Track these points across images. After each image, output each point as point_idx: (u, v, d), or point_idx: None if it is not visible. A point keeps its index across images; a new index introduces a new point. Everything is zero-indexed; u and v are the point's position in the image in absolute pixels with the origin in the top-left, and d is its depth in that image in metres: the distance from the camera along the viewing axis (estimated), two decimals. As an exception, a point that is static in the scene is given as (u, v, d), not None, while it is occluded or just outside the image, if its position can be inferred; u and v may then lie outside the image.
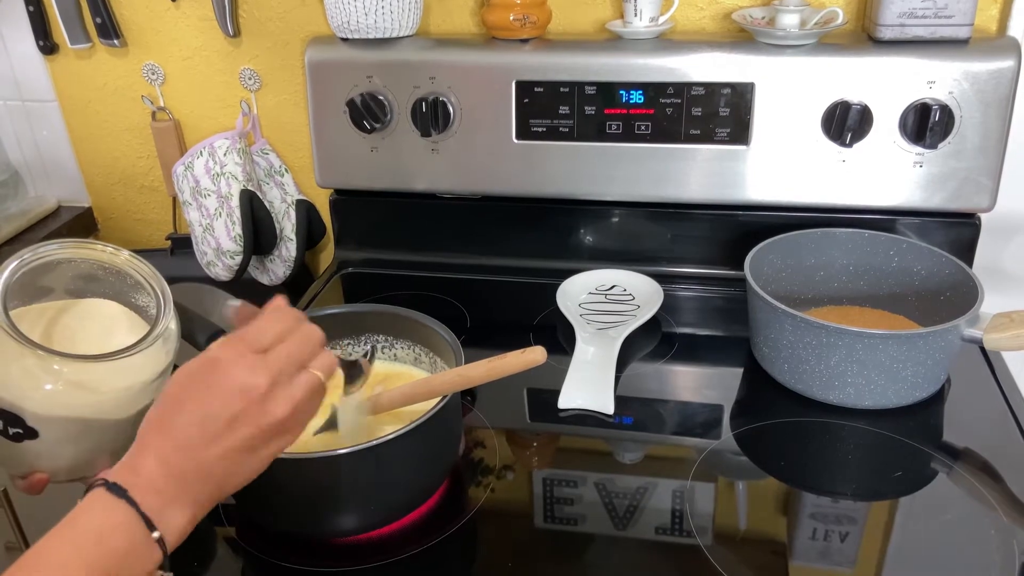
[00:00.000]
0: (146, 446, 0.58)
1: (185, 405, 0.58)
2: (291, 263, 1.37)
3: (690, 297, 1.21)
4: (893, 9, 1.04)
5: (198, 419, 0.58)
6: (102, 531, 0.54)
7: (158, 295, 0.75)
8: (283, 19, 1.28)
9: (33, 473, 0.71)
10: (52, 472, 0.72)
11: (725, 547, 0.78)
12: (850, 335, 0.90)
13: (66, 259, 0.74)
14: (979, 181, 1.09)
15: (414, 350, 0.94)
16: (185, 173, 1.30)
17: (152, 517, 0.55)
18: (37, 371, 0.67)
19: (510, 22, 1.14)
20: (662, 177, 1.17)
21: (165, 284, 0.76)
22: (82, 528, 0.54)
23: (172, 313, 0.74)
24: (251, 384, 0.58)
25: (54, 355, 0.67)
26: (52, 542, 0.53)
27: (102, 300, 0.77)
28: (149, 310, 0.77)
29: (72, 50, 1.35)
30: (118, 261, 0.76)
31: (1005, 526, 0.79)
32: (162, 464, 0.57)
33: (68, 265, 0.75)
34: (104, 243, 0.76)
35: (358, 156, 1.25)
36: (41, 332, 0.71)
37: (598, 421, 0.95)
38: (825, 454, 0.91)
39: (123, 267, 0.75)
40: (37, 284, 0.73)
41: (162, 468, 0.56)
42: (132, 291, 0.77)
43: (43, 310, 0.74)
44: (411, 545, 0.79)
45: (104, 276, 0.77)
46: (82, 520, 0.54)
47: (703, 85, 1.11)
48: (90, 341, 0.72)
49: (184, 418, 0.58)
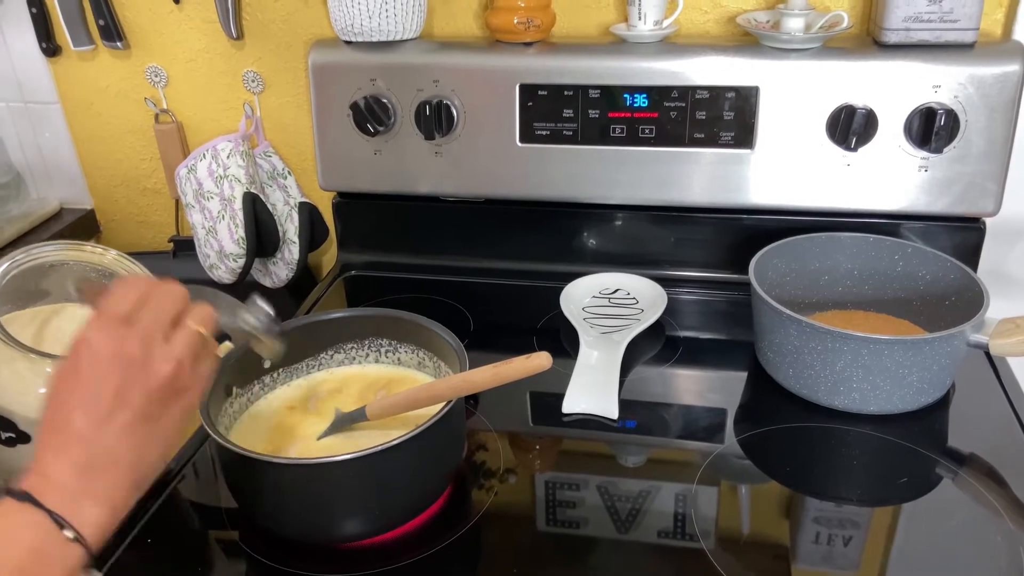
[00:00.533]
0: (45, 447, 0.56)
1: (68, 396, 0.57)
2: (294, 266, 1.37)
3: (694, 301, 1.21)
4: (898, 13, 1.04)
5: (83, 404, 0.56)
6: (8, 536, 0.52)
7: None
8: (286, 21, 1.28)
9: None
10: None
11: (728, 551, 0.78)
12: (855, 340, 0.89)
13: (58, 261, 0.74)
14: (984, 185, 1.08)
15: (418, 354, 0.94)
16: (188, 175, 1.30)
17: (64, 515, 0.53)
18: (28, 375, 0.67)
19: (514, 25, 1.14)
20: (666, 181, 1.17)
21: None
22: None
23: None
24: (123, 351, 0.57)
25: (45, 358, 0.67)
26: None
27: None
28: None
29: (75, 52, 1.35)
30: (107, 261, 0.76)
31: (1010, 532, 0.79)
32: (63, 460, 0.55)
33: (61, 268, 0.75)
34: (95, 245, 0.76)
35: (361, 159, 1.25)
36: (32, 335, 0.71)
37: (601, 425, 0.95)
38: (830, 459, 0.91)
39: (113, 267, 0.75)
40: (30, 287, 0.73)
41: (65, 465, 0.55)
42: None
43: (35, 314, 0.74)
44: (415, 550, 0.79)
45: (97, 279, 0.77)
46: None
47: (707, 89, 1.11)
48: None
49: (71, 408, 0.56)
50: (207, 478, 0.92)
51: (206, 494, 0.90)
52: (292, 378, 0.94)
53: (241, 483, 0.80)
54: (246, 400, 0.89)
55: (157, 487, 0.88)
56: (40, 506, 0.53)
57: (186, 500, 0.88)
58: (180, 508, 0.87)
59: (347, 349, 0.96)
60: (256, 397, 0.91)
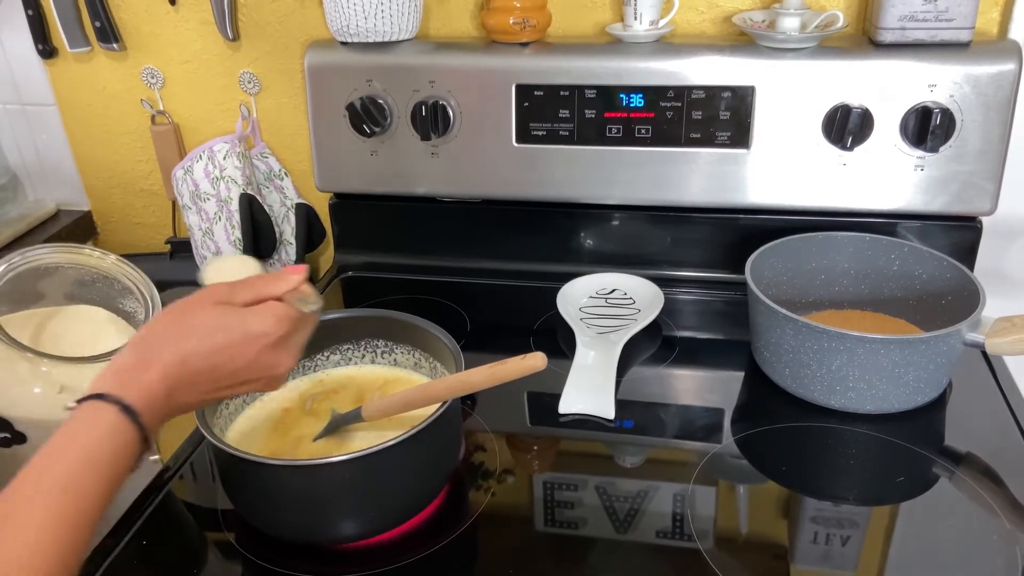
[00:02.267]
0: (152, 365, 0.60)
1: (215, 352, 0.63)
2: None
3: (691, 301, 1.21)
4: (894, 12, 1.04)
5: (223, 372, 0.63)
6: (117, 452, 0.57)
7: (147, 299, 0.75)
8: (282, 23, 1.28)
9: None
10: None
11: (726, 551, 0.78)
12: (851, 339, 0.89)
13: (55, 264, 0.74)
14: (980, 184, 1.08)
15: (414, 355, 0.94)
16: (184, 177, 1.30)
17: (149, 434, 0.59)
18: (25, 375, 0.67)
19: (510, 25, 1.14)
20: (662, 181, 1.17)
21: (154, 288, 0.76)
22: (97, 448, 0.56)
23: None
24: (280, 366, 0.66)
25: (43, 357, 0.67)
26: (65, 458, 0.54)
27: (89, 306, 0.77)
28: (136, 316, 0.77)
29: (71, 54, 1.35)
30: (106, 265, 0.76)
31: (1007, 531, 0.79)
32: (168, 391, 0.61)
33: (58, 271, 0.75)
34: (92, 248, 0.76)
35: (358, 160, 1.25)
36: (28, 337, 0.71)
37: (599, 425, 0.95)
38: (826, 458, 0.91)
39: (112, 271, 0.75)
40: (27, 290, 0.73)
41: (167, 394, 0.61)
42: (120, 296, 0.77)
43: (30, 316, 0.74)
44: (412, 551, 0.79)
45: (92, 281, 0.77)
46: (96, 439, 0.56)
47: (703, 88, 1.11)
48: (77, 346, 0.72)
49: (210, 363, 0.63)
50: (203, 480, 0.92)
51: (202, 496, 0.90)
52: (288, 379, 0.94)
53: (237, 485, 0.80)
54: (242, 401, 0.89)
55: (153, 489, 0.88)
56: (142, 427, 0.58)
57: (182, 502, 0.88)
58: (176, 510, 0.87)
59: (343, 350, 0.96)
60: (252, 398, 0.91)
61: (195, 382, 0.63)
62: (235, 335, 0.64)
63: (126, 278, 0.76)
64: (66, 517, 0.52)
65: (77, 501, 0.53)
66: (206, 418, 0.78)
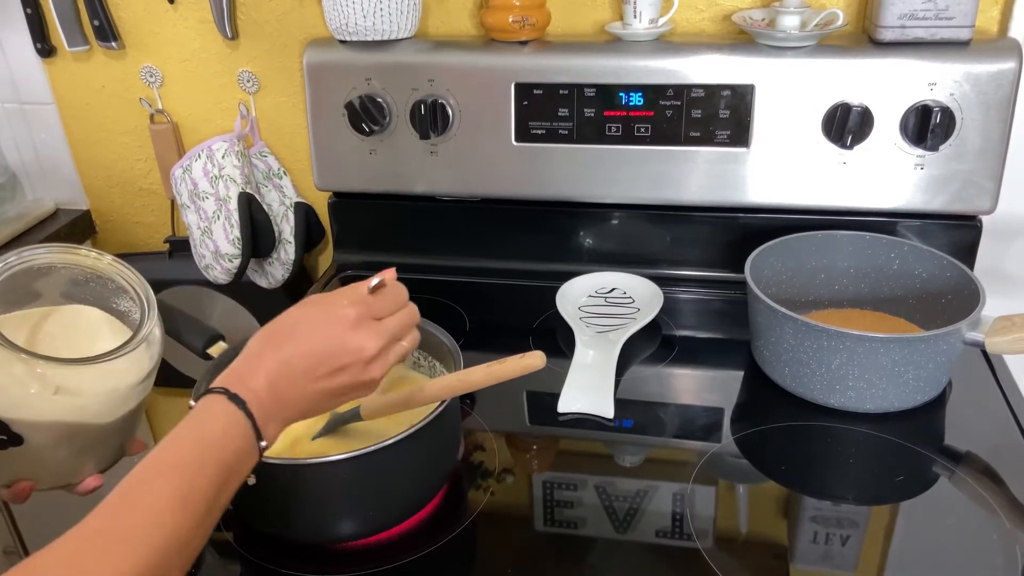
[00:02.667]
0: (259, 364, 0.64)
1: (305, 342, 0.65)
2: (290, 266, 1.36)
3: (690, 300, 1.21)
4: (894, 11, 1.03)
5: (313, 360, 0.65)
6: (226, 433, 0.60)
7: (142, 299, 0.75)
8: (281, 21, 1.27)
9: (18, 481, 0.71)
10: (37, 479, 0.71)
11: (725, 550, 0.78)
12: (851, 338, 0.89)
13: (49, 264, 0.74)
14: (980, 183, 1.08)
15: (413, 354, 0.94)
16: (183, 176, 1.29)
17: (259, 427, 0.62)
18: (21, 376, 0.67)
19: (509, 24, 1.13)
20: (662, 179, 1.17)
21: (149, 288, 0.76)
22: (208, 430, 0.60)
23: (156, 317, 0.74)
24: (366, 346, 0.66)
25: (38, 358, 0.67)
26: (179, 442, 0.58)
27: (84, 306, 0.77)
28: (131, 315, 0.76)
29: (70, 52, 1.35)
30: (102, 266, 0.75)
31: (1007, 530, 0.78)
32: (270, 385, 0.63)
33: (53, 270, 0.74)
34: (89, 248, 0.76)
35: (357, 159, 1.25)
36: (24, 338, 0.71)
37: (598, 424, 0.95)
38: (826, 458, 0.91)
39: (107, 272, 0.75)
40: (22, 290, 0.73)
41: (269, 388, 0.63)
42: (114, 296, 0.77)
43: (25, 317, 0.73)
44: (411, 550, 0.79)
45: (86, 281, 0.76)
46: (207, 423, 0.60)
47: (703, 87, 1.11)
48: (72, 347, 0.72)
49: (301, 353, 0.65)
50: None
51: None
52: None
53: (236, 484, 0.79)
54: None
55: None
56: (250, 416, 0.61)
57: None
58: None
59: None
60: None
61: (292, 371, 0.64)
62: (318, 319, 0.67)
63: (121, 278, 0.76)
64: (181, 494, 0.55)
65: (190, 480, 0.56)
66: (204, 417, 0.77)
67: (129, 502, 0.54)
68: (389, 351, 0.69)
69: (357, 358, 0.66)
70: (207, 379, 0.81)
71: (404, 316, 0.71)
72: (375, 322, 0.68)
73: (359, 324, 0.67)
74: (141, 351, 0.72)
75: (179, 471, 0.56)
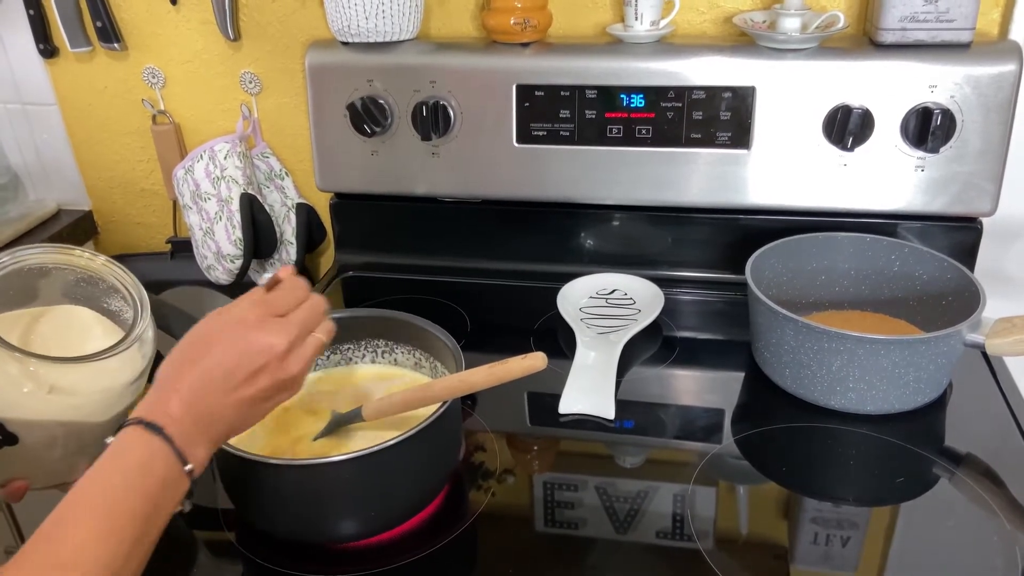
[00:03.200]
0: (171, 389, 0.63)
1: (211, 355, 0.64)
2: (291, 266, 1.37)
3: (691, 301, 1.21)
4: (894, 13, 1.04)
5: (223, 371, 0.64)
6: (144, 464, 0.59)
7: (135, 299, 0.75)
8: (283, 23, 1.28)
9: (13, 480, 0.71)
10: (32, 478, 0.72)
11: (726, 551, 0.78)
12: (852, 340, 0.89)
13: (45, 264, 0.74)
14: (981, 185, 1.08)
15: (414, 355, 0.94)
16: (185, 177, 1.30)
17: (182, 452, 0.61)
18: (15, 375, 0.67)
19: (510, 26, 1.14)
20: (663, 181, 1.17)
21: (142, 288, 0.76)
22: (128, 462, 0.59)
23: (149, 317, 0.74)
24: (274, 342, 0.66)
25: (31, 357, 0.67)
26: (99, 476, 0.58)
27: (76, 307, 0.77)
28: (122, 315, 0.77)
29: (72, 53, 1.35)
30: (95, 266, 0.76)
31: (1007, 532, 0.79)
32: (186, 406, 0.62)
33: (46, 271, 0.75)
34: (83, 249, 0.76)
35: (358, 160, 1.25)
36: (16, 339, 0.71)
37: (599, 425, 0.95)
38: (827, 459, 0.91)
39: (101, 272, 0.75)
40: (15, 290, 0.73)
41: (186, 410, 0.62)
42: (105, 296, 0.77)
43: (17, 317, 0.74)
44: (412, 550, 0.79)
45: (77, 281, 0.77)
46: (126, 457, 0.59)
47: (704, 89, 1.11)
48: (65, 347, 0.72)
49: (210, 367, 0.64)
50: (203, 479, 0.91)
51: (202, 495, 0.90)
52: None
53: (237, 484, 0.80)
54: (243, 401, 0.89)
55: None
56: (169, 441, 0.60)
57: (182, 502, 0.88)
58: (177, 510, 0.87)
59: (344, 350, 0.96)
60: (253, 398, 0.91)
61: (207, 387, 0.63)
62: (220, 329, 0.66)
63: (114, 278, 0.76)
64: (107, 529, 0.55)
65: (115, 515, 0.56)
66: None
67: (55, 540, 0.53)
68: (305, 345, 0.68)
69: (269, 356, 0.65)
70: None
71: (308, 308, 0.70)
72: (279, 319, 0.67)
73: (262, 324, 0.66)
74: (134, 350, 0.73)
75: (102, 507, 0.56)
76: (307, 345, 0.69)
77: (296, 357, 0.67)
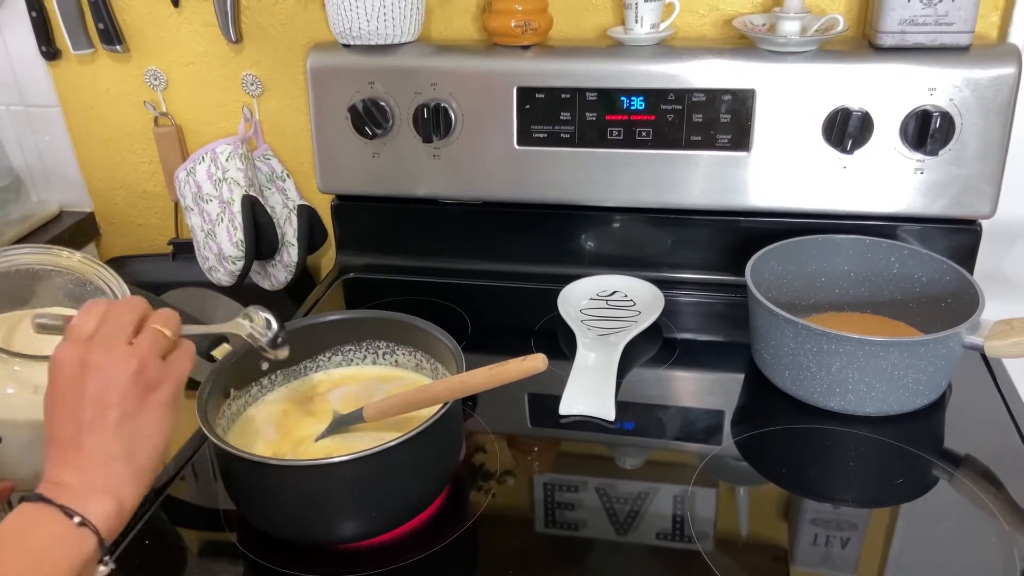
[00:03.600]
0: (50, 460, 0.63)
1: (56, 411, 0.63)
2: (292, 268, 1.37)
3: (691, 303, 1.21)
4: (894, 16, 1.04)
5: (68, 414, 0.63)
6: (28, 529, 0.59)
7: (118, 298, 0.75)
8: (285, 25, 1.28)
9: None
10: (17, 479, 0.72)
11: (726, 553, 0.78)
12: (851, 342, 0.90)
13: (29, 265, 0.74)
14: (980, 188, 1.09)
15: (415, 356, 0.94)
16: (187, 178, 1.30)
17: (75, 508, 0.60)
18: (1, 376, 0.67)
19: (511, 28, 1.14)
20: (663, 183, 1.17)
21: (126, 288, 0.76)
22: (6, 530, 0.59)
23: None
24: (89, 360, 0.63)
25: (15, 357, 0.67)
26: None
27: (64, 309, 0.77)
28: None
29: (75, 55, 1.35)
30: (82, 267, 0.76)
31: (1006, 533, 0.79)
32: (66, 467, 0.62)
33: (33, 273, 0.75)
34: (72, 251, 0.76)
35: (360, 162, 1.25)
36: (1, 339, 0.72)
37: (599, 426, 0.95)
38: (826, 461, 0.91)
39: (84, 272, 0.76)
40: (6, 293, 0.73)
41: (68, 470, 0.62)
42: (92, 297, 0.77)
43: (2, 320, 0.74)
44: (413, 551, 0.79)
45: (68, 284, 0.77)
46: (5, 526, 0.59)
47: (704, 91, 1.11)
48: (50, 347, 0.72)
49: (61, 421, 0.63)
50: (205, 480, 0.92)
51: (204, 496, 0.90)
52: (290, 380, 0.94)
53: (239, 485, 0.80)
54: (244, 402, 0.90)
55: (155, 489, 0.88)
56: (51, 503, 0.59)
57: (184, 502, 0.89)
58: (178, 510, 0.88)
59: (345, 351, 0.96)
60: (254, 399, 0.91)
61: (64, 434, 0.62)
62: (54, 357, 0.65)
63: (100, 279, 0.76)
64: None
65: None
66: (208, 418, 0.78)
67: None
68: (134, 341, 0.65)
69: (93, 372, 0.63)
70: (210, 382, 0.82)
71: (116, 313, 0.67)
72: (82, 340, 0.65)
73: (66, 351, 0.64)
74: None
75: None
76: (138, 341, 0.66)
77: (125, 355, 0.64)
